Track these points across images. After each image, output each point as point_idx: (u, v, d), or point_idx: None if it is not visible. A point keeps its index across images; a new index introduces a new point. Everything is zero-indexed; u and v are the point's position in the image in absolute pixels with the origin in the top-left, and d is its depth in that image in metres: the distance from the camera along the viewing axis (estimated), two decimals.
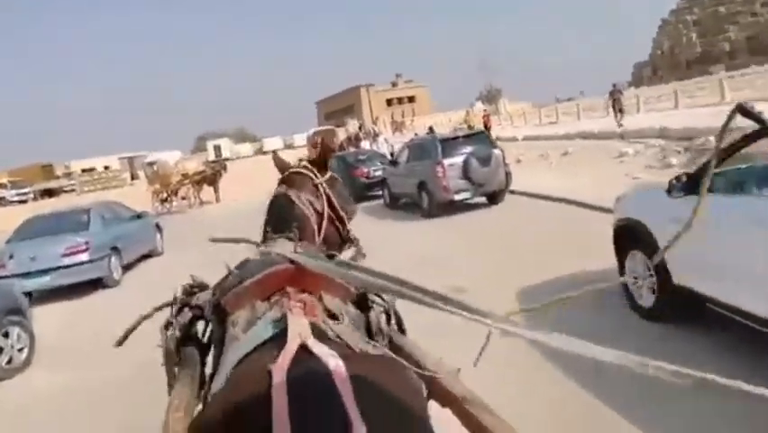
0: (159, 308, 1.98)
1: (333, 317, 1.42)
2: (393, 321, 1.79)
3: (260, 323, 1.37)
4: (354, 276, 1.32)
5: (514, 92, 70.05)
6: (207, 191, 24.60)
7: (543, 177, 13.83)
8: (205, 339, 1.84)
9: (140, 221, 11.75)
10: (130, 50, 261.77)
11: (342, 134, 26.81)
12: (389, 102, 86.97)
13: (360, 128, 27.31)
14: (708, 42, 54.61)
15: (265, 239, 2.07)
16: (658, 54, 61.44)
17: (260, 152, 69.89)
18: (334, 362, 1.03)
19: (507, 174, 11.55)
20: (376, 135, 25.35)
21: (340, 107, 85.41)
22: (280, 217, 2.09)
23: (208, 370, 1.69)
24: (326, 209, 2.15)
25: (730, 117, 1.12)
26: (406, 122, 60.17)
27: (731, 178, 3.94)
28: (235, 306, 1.55)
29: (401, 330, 1.83)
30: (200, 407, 1.49)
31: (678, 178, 3.97)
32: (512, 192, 12.02)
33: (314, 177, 2.19)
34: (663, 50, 60.45)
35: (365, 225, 4.68)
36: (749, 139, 3.37)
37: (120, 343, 2.00)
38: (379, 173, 15.29)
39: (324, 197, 2.17)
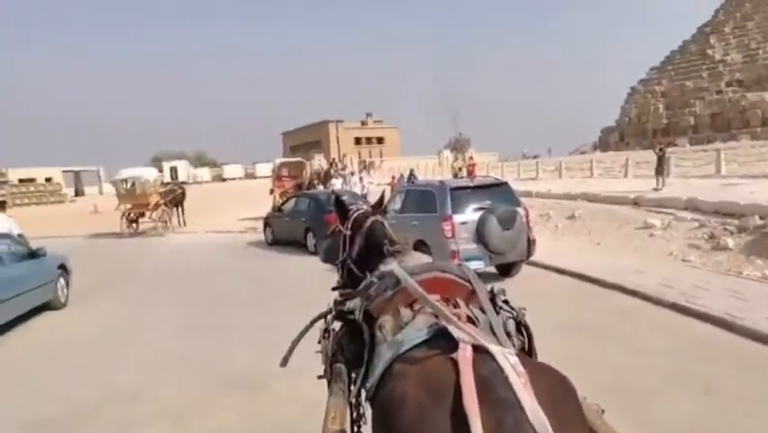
0: (316, 319, 2.10)
1: (470, 321, 1.51)
2: (524, 334, 1.79)
3: (411, 326, 1.50)
4: None
5: (479, 143, 69.23)
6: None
7: (560, 246, 11.40)
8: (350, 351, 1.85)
9: (33, 261, 8.49)
10: (91, 64, 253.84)
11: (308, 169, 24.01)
12: (358, 140, 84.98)
13: (331, 165, 24.62)
14: (673, 114, 55.53)
15: (383, 253, 2.24)
16: (625, 121, 62.26)
17: (220, 178, 67.49)
18: (513, 358, 1.17)
19: (531, 241, 8.98)
20: (350, 174, 22.70)
21: (306, 141, 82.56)
22: (387, 238, 2.37)
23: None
24: None
25: None
26: (375, 162, 57.66)
27: None
28: (381, 311, 1.70)
29: (530, 347, 1.79)
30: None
31: None
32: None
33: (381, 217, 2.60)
34: (631, 118, 61.29)
35: None
36: None
37: (285, 361, 2.07)
38: None
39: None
